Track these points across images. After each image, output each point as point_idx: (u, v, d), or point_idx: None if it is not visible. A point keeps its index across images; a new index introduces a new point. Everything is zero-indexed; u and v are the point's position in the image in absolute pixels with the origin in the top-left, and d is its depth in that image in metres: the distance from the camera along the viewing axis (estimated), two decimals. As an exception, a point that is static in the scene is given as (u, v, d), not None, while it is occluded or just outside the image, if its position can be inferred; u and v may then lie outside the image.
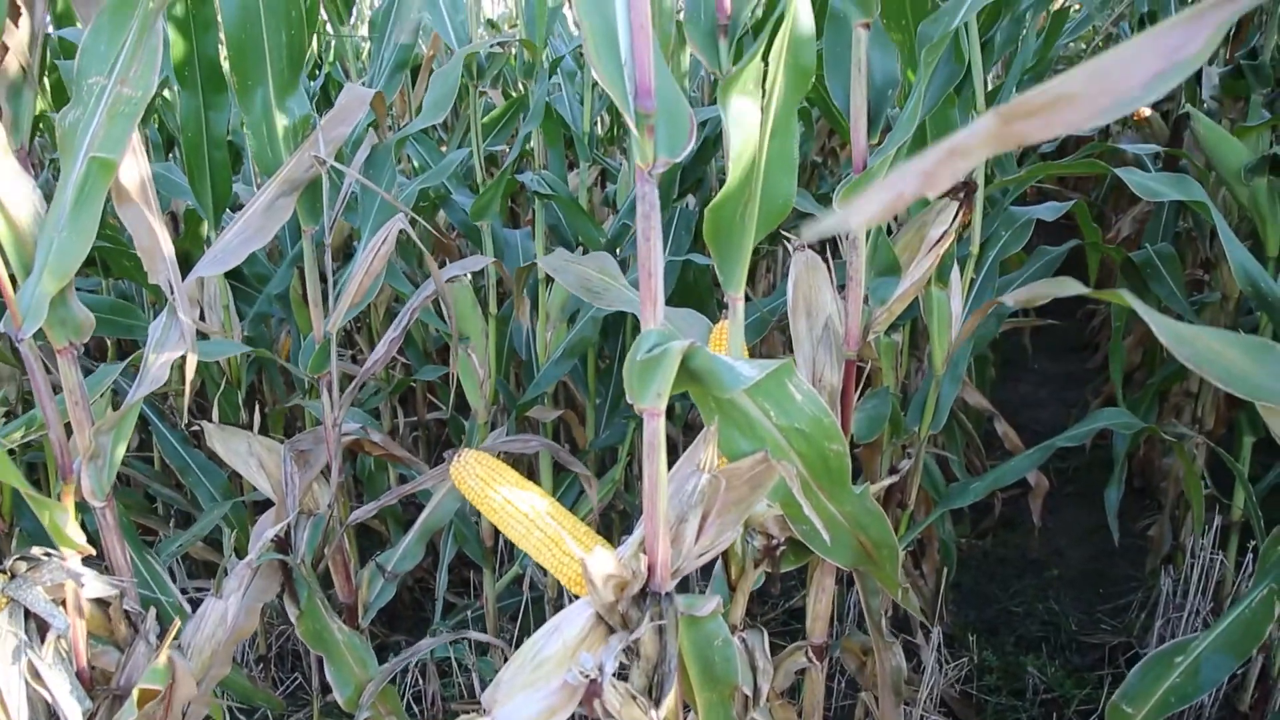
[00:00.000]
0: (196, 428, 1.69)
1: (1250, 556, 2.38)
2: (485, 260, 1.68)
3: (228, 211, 2.33)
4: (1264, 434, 2.20)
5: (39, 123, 2.50)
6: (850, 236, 1.31)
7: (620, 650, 1.01)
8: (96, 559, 1.32)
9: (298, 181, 1.45)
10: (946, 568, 2.37)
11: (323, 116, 1.54)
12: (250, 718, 2.40)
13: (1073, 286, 1.39)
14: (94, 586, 1.28)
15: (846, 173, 3.23)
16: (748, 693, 1.26)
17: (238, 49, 1.44)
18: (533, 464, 2.60)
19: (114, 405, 2.11)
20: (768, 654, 1.33)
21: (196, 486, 2.32)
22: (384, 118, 1.71)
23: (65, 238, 1.16)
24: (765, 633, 1.33)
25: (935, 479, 2.17)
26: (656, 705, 1.02)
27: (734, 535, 1.08)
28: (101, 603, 1.34)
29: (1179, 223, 2.73)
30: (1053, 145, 3.68)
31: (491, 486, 1.07)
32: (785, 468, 1.03)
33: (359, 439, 1.73)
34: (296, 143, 1.51)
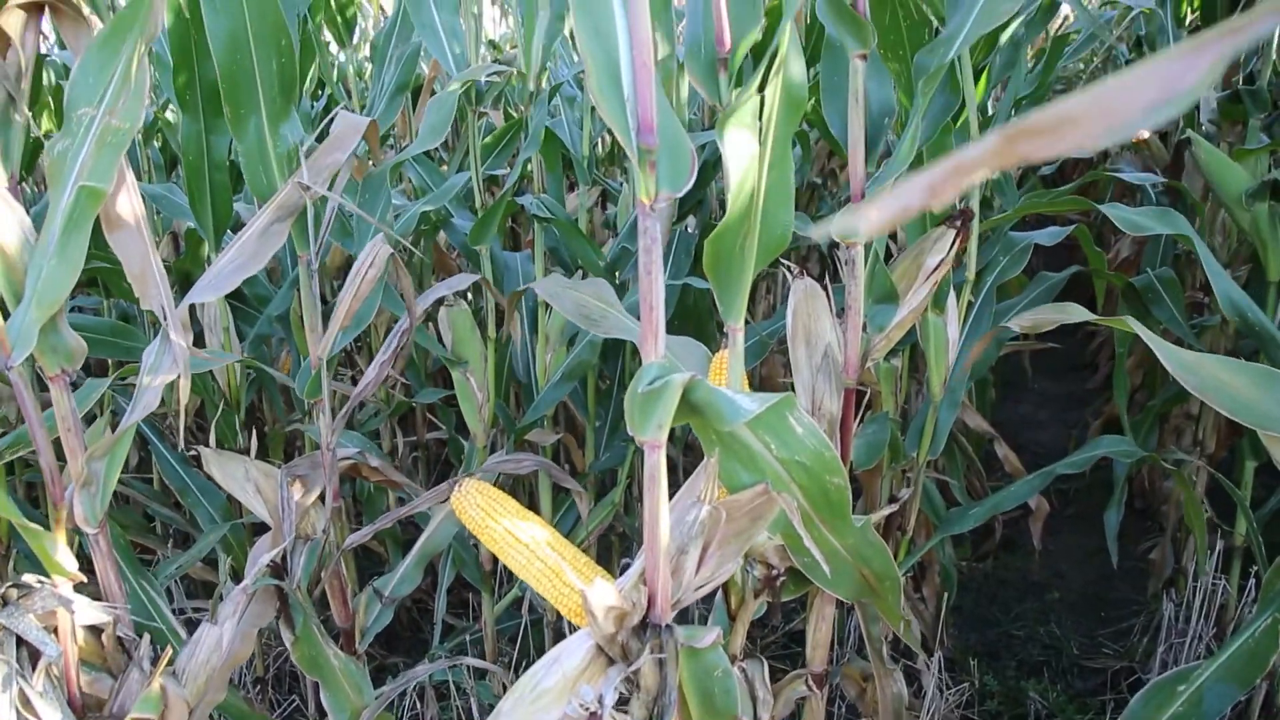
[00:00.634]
0: (194, 452, 1.68)
1: (1253, 581, 2.37)
2: (471, 278, 1.68)
3: (229, 232, 2.34)
4: (1266, 458, 2.19)
5: (38, 145, 2.51)
6: (849, 264, 1.31)
7: (620, 681, 1.00)
8: (90, 584, 1.31)
9: (292, 207, 1.44)
10: (947, 592, 2.36)
11: (325, 138, 1.54)
12: (245, 742, 2.38)
13: (1078, 313, 1.39)
14: (87, 613, 1.27)
15: (846, 194, 3.24)
16: (748, 724, 1.25)
17: (229, 78, 1.44)
18: (532, 486, 2.59)
19: (114, 427, 2.11)
20: (768, 684, 1.32)
21: (195, 507, 2.31)
22: (377, 147, 1.71)
23: (54, 266, 1.16)
24: (765, 663, 1.32)
25: (935, 503, 2.16)
26: (656, 739, 1.01)
27: (734, 567, 1.07)
28: (94, 629, 1.33)
29: (1178, 245, 2.74)
30: (1052, 167, 3.69)
31: (492, 517, 1.07)
32: (786, 500, 1.02)
33: (356, 463, 1.72)
34: (291, 169, 1.51)
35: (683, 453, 2.87)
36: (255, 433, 1.92)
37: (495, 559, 2.13)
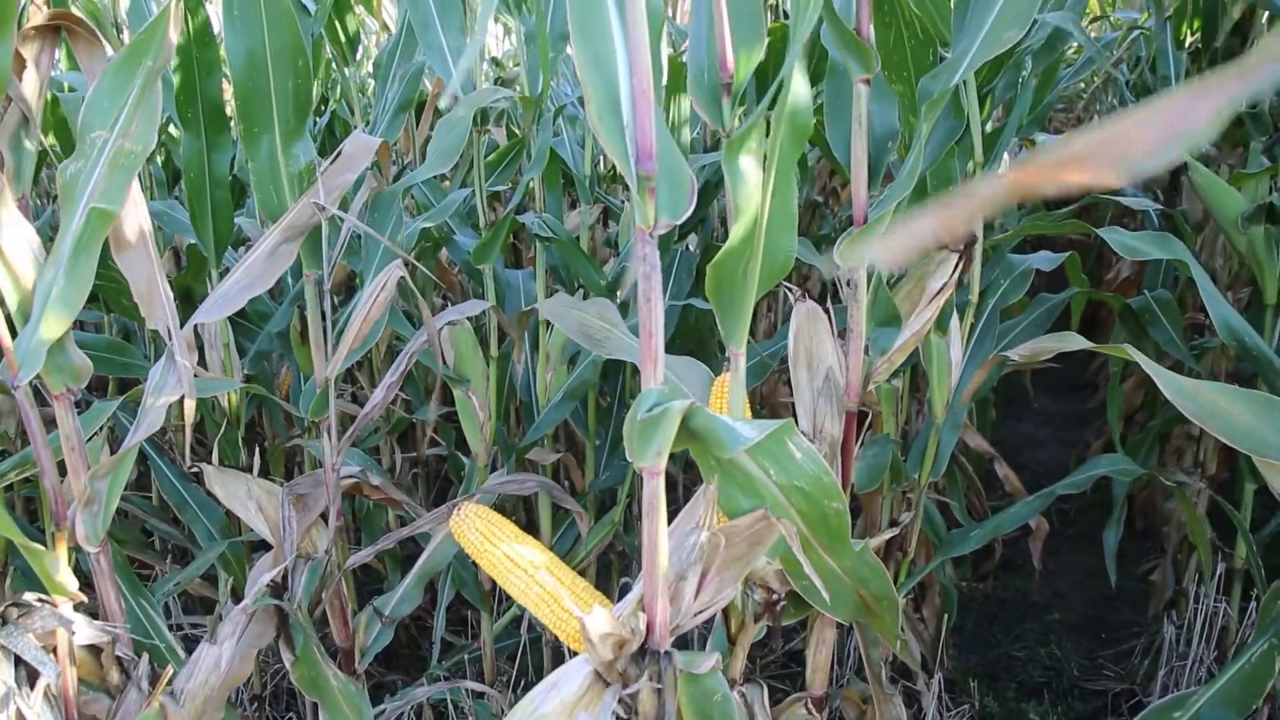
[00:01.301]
0: (196, 469, 1.69)
1: (1254, 603, 2.36)
2: (482, 305, 1.69)
3: (229, 248, 2.35)
4: (1265, 480, 2.19)
5: (43, 158, 2.52)
6: (852, 286, 1.31)
7: (618, 706, 1.00)
8: (89, 602, 1.31)
9: (301, 228, 1.45)
10: (947, 613, 2.35)
11: (328, 154, 1.55)
12: (242, 759, 2.37)
13: (1076, 342, 1.40)
14: (86, 633, 1.27)
15: (848, 213, 3.25)
16: (746, 749, 1.25)
17: (245, 97, 1.45)
18: (532, 504, 2.59)
19: (112, 443, 2.11)
20: (767, 708, 1.32)
21: (194, 523, 2.31)
22: (388, 166, 1.72)
23: (63, 287, 1.16)
24: (765, 686, 1.31)
25: (935, 524, 2.15)
26: (654, 766, 1.00)
27: (733, 592, 1.07)
28: (93, 648, 1.33)
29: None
30: (1052, 187, 3.70)
31: (491, 541, 1.07)
32: (785, 526, 1.02)
33: (358, 482, 1.72)
34: (302, 188, 1.52)
35: (683, 470, 2.86)
36: (257, 450, 1.92)
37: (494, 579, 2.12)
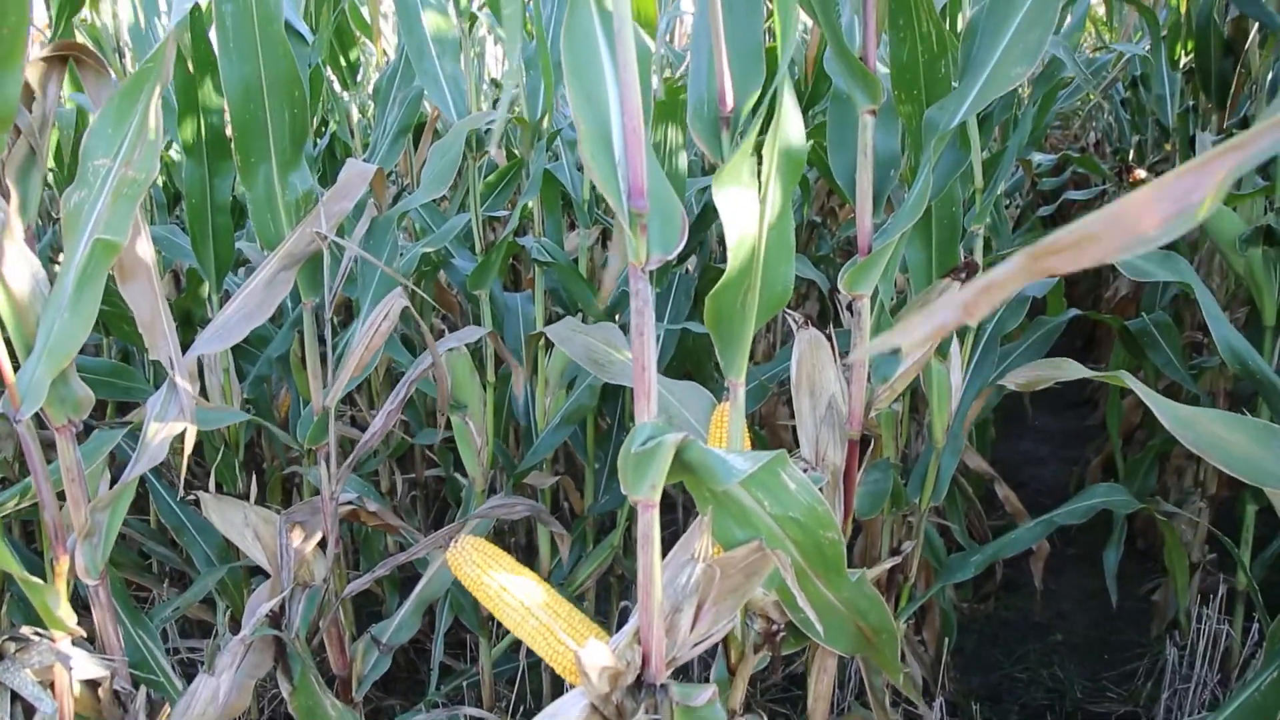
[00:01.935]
0: (193, 497, 1.69)
1: (1257, 625, 2.35)
2: (480, 331, 1.69)
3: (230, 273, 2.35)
4: (1267, 500, 2.19)
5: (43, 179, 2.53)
6: (855, 316, 1.32)
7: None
8: (84, 621, 1.30)
9: (299, 256, 1.46)
10: (948, 637, 2.34)
11: (328, 176, 1.56)
12: (240, 786, 2.35)
13: (1074, 370, 1.40)
14: (85, 668, 1.26)
15: (846, 233, 3.26)
16: (745, 780, 1.24)
17: (241, 127, 1.46)
18: (532, 526, 2.59)
19: (111, 466, 2.11)
20: (766, 738, 1.31)
21: (191, 546, 2.31)
22: (383, 194, 1.73)
23: (66, 320, 1.16)
24: (764, 717, 1.31)
25: (936, 547, 2.15)
26: (651, 801, 1.00)
27: (730, 624, 1.07)
28: (91, 682, 1.33)
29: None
30: (1051, 208, 3.72)
31: (487, 573, 1.07)
32: (780, 557, 1.02)
33: (356, 509, 1.72)
34: (299, 217, 1.53)
35: (682, 489, 2.86)
36: (255, 476, 1.92)
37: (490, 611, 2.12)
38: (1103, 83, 3.62)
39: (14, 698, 1.19)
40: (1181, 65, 3.14)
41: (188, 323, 2.59)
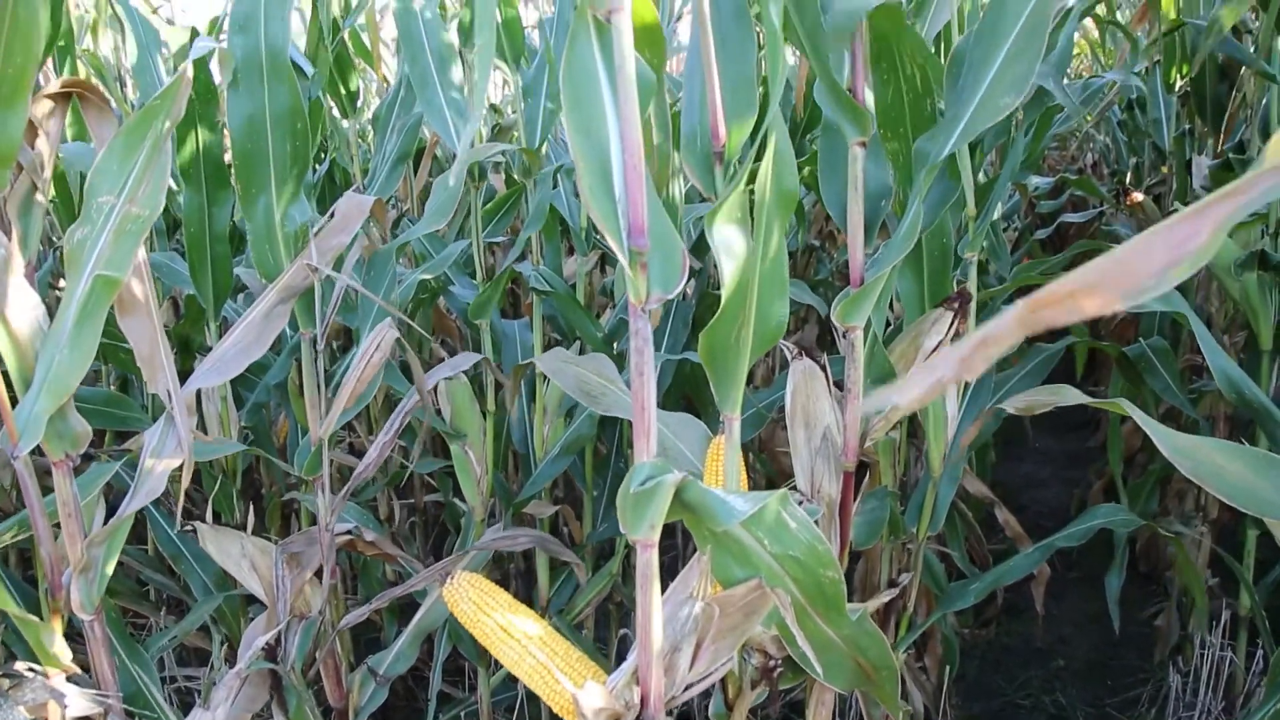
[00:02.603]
0: (190, 528, 1.68)
1: (1261, 651, 2.34)
2: (475, 358, 1.69)
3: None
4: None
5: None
6: (849, 347, 1.32)
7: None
8: (78, 649, 1.29)
9: (297, 289, 1.46)
10: (949, 664, 2.33)
11: (328, 199, 1.56)
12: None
13: (1072, 396, 1.40)
14: (79, 704, 1.25)
15: (844, 257, 3.26)
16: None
17: (243, 159, 1.47)
18: (530, 553, 2.57)
19: (107, 495, 2.10)
20: (766, 774, 1.30)
21: (189, 574, 2.29)
22: (384, 220, 1.73)
23: (66, 355, 1.16)
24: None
25: (936, 573, 2.14)
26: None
27: (729, 663, 1.06)
28: (85, 719, 1.32)
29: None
30: (1048, 231, 3.73)
31: (484, 611, 1.06)
32: (779, 596, 1.02)
33: (353, 538, 1.71)
34: (298, 248, 1.53)
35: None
36: (253, 506, 1.91)
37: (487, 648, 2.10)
38: (1098, 107, 3.63)
39: (7, 737, 1.18)
40: (1177, 89, 3.16)
41: (186, 349, 2.59)
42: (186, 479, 1.30)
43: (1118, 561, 2.57)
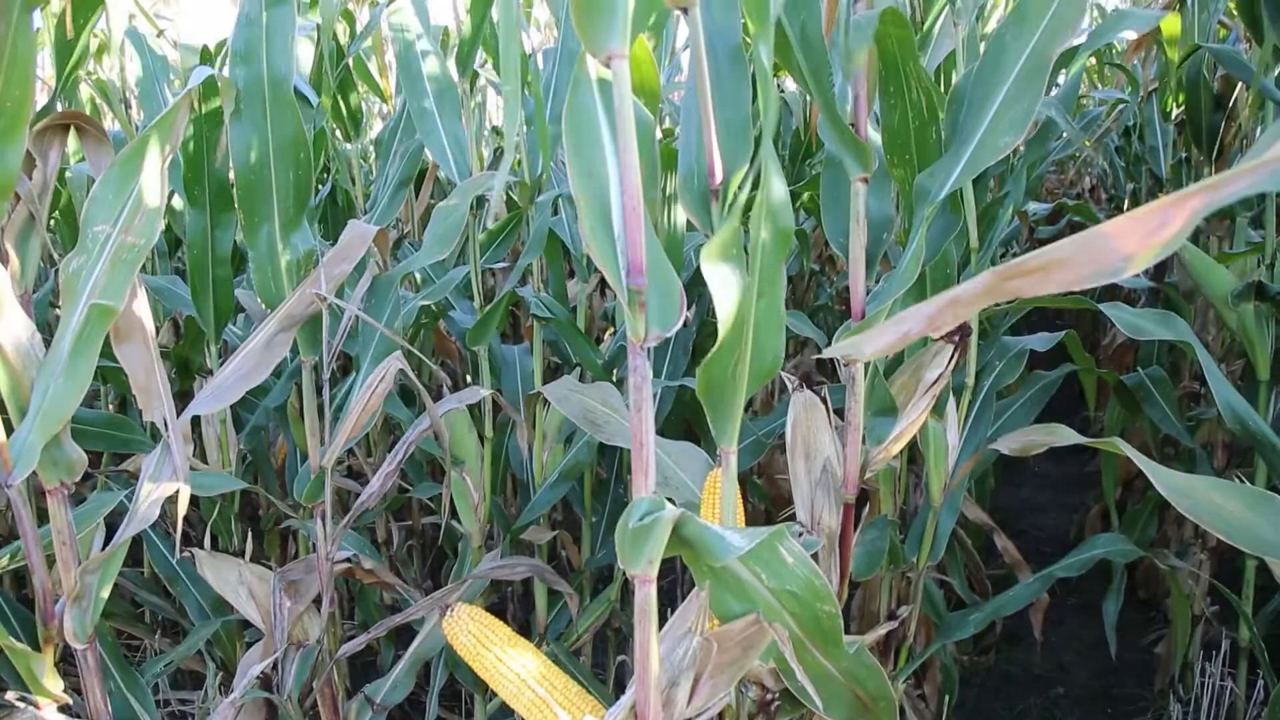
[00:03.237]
0: (188, 554, 1.68)
1: (1262, 681, 2.32)
2: (481, 393, 1.69)
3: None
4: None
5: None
6: (849, 380, 1.32)
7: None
8: (69, 674, 1.28)
9: (299, 317, 1.47)
10: (949, 694, 2.32)
11: (329, 221, 1.57)
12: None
13: (1067, 436, 1.40)
14: (72, 735, 1.25)
15: (845, 282, 3.27)
16: None
17: (246, 188, 1.47)
18: (527, 578, 2.56)
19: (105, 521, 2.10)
20: (763, 809, 1.29)
21: (185, 597, 2.28)
22: (386, 250, 1.74)
23: (61, 384, 1.17)
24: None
25: (935, 601, 2.13)
26: None
27: (727, 697, 1.06)
28: (78, 748, 1.31)
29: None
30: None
31: (484, 645, 1.06)
32: (777, 630, 1.02)
33: (351, 566, 1.71)
34: (300, 276, 1.54)
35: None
36: (250, 532, 1.91)
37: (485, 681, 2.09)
38: (1096, 133, 3.66)
39: (0, 768, 1.17)
40: (1173, 117, 3.18)
41: (186, 370, 2.59)
42: (183, 507, 1.30)
43: (1115, 588, 2.56)
